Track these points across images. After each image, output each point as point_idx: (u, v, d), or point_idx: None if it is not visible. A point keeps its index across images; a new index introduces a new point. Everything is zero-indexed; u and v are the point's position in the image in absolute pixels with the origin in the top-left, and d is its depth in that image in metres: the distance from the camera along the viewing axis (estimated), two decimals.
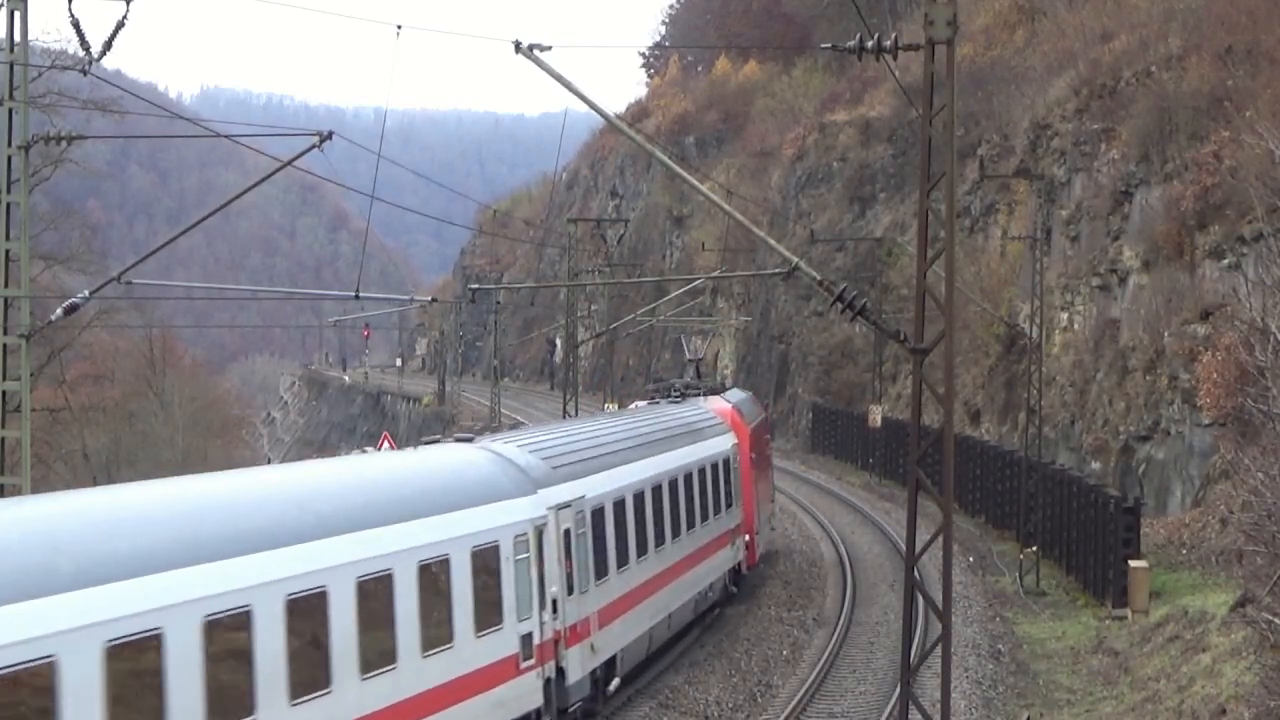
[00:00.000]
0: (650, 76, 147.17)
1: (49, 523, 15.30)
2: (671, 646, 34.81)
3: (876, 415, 69.81)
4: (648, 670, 32.81)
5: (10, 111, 24.41)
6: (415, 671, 20.01)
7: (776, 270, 24.08)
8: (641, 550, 30.85)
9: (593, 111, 21.73)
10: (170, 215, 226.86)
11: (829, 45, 21.12)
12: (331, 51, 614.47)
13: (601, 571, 27.85)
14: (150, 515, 16.54)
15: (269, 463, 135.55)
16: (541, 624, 24.35)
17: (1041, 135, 62.49)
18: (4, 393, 24.65)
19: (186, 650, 15.29)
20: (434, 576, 20.83)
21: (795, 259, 20.10)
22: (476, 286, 65.56)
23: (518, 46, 20.20)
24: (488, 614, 22.32)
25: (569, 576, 25.80)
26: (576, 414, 53.69)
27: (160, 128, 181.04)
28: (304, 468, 23.17)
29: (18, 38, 24.23)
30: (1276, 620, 22.52)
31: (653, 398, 41.59)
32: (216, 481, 19.59)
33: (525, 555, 23.75)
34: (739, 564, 41.76)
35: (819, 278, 19.91)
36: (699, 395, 43.39)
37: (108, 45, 24.08)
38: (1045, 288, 50.48)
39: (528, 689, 23.76)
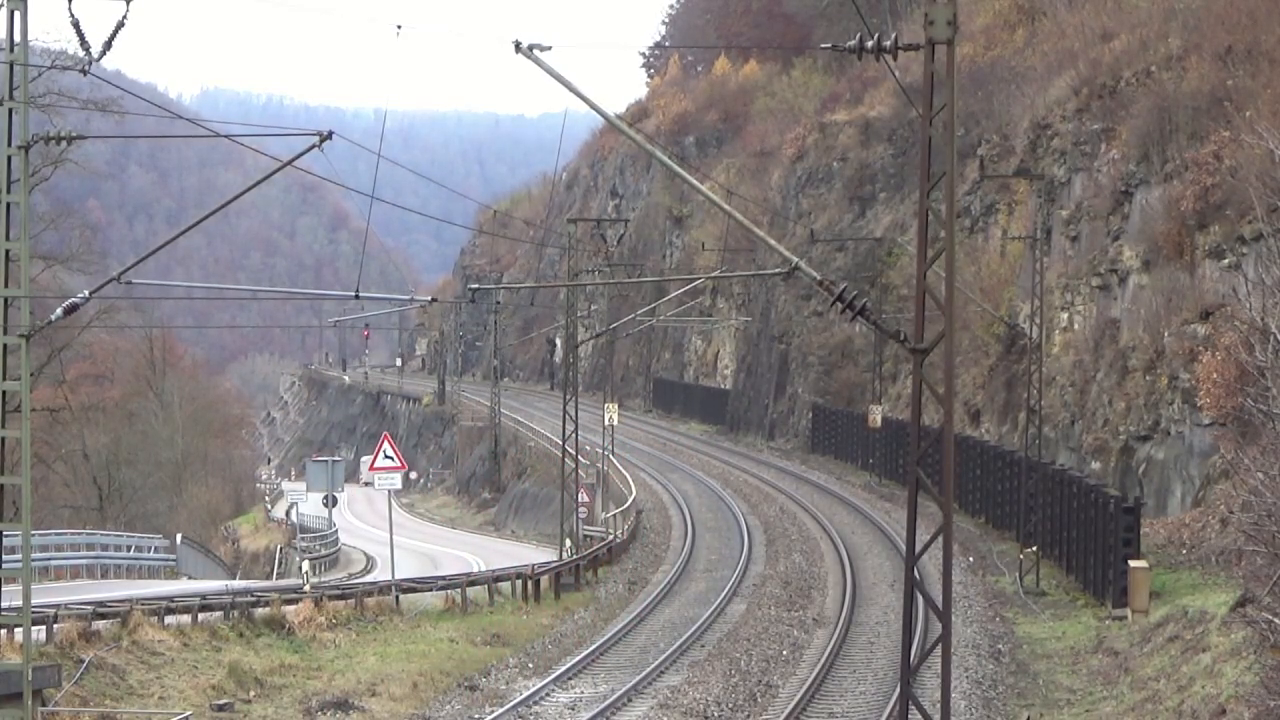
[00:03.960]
0: (650, 76, 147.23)
1: None
2: None
3: (876, 415, 69.82)
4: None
5: (10, 111, 24.40)
6: None
7: (776, 270, 24.07)
8: None
9: (593, 111, 21.74)
10: (170, 215, 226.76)
11: (829, 45, 21.11)
12: (331, 51, 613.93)
13: None
14: None
15: (269, 462, 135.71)
16: None
17: (1041, 135, 62.48)
18: (4, 393, 24.64)
19: None
20: None
21: (795, 259, 20.09)
22: (476, 286, 65.67)
23: (518, 46, 20.22)
24: None
25: None
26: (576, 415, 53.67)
27: (160, 128, 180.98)
28: None
29: (18, 38, 24.21)
30: (1276, 620, 22.52)
31: None
32: None
33: None
34: None
35: (819, 278, 19.91)
36: None
37: (108, 45, 24.06)
38: (1045, 288, 50.47)
39: None
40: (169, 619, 32.97)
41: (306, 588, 40.18)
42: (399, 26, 25.91)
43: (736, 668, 33.57)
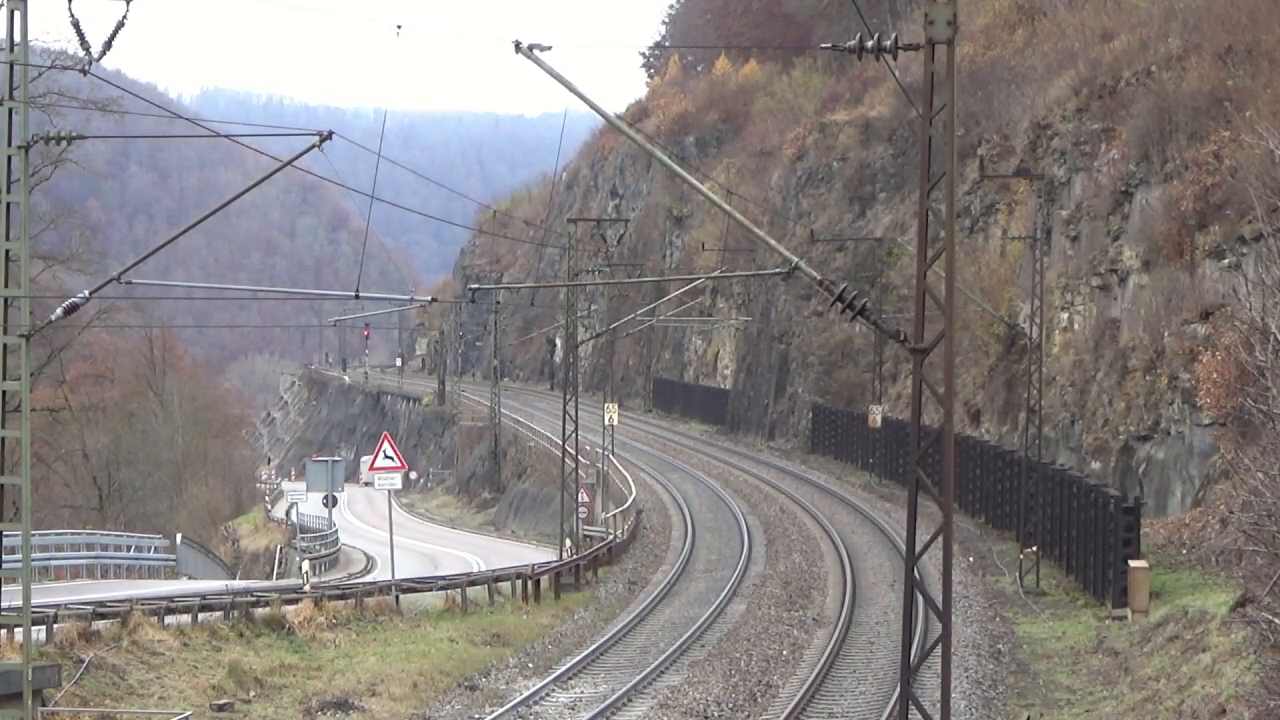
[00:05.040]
0: (650, 76, 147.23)
1: None
2: None
3: (876, 415, 69.80)
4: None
5: (10, 111, 24.40)
6: None
7: (776, 270, 24.07)
8: None
9: (593, 111, 21.74)
10: (170, 215, 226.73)
11: (829, 45, 21.13)
12: (331, 51, 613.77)
13: None
14: None
15: (269, 462, 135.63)
16: None
17: (1041, 135, 62.47)
18: (4, 393, 24.64)
19: None
20: None
21: (795, 259, 20.09)
22: (476, 286, 65.52)
23: (518, 46, 20.23)
24: None
25: None
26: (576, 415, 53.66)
27: (160, 128, 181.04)
28: None
29: (18, 38, 24.21)
30: (1276, 620, 22.52)
31: None
32: None
33: None
34: None
35: (819, 278, 19.91)
36: None
37: (108, 45, 24.05)
38: (1045, 288, 50.47)
39: None
40: (169, 619, 32.97)
41: (306, 588, 40.18)
42: (399, 26, 25.96)
43: (736, 668, 33.57)
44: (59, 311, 25.72)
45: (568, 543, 53.35)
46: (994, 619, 39.80)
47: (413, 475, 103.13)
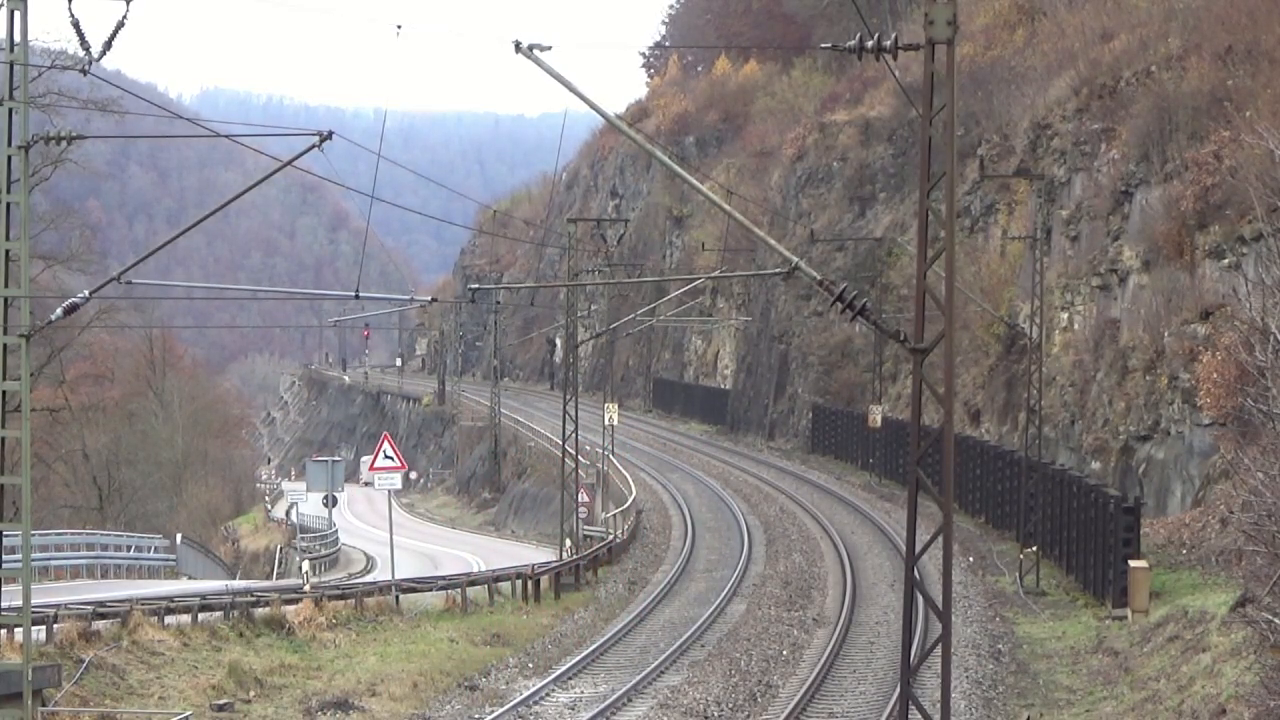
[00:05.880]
0: (650, 76, 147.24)
1: None
2: None
3: (876, 415, 69.82)
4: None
5: (10, 111, 24.40)
6: None
7: (776, 270, 24.08)
8: None
9: (593, 111, 21.75)
10: (170, 215, 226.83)
11: (829, 45, 21.13)
12: (331, 51, 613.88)
13: None
14: None
15: (269, 462, 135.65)
16: None
17: (1041, 135, 62.48)
18: (4, 393, 24.64)
19: None
20: None
21: (795, 259, 20.09)
22: (476, 286, 65.51)
23: (518, 46, 20.24)
24: None
25: None
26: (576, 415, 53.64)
27: (160, 128, 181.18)
28: None
29: (18, 38, 24.21)
30: (1276, 620, 22.53)
31: None
32: None
33: None
34: None
35: (819, 278, 19.90)
36: None
37: (108, 45, 24.05)
38: (1045, 288, 50.47)
39: None
40: (169, 619, 32.97)
41: (306, 588, 40.19)
42: (399, 26, 25.96)
43: (736, 668, 33.57)
44: (59, 311, 25.72)
45: (568, 543, 53.35)
46: (994, 619, 39.80)
47: (413, 475, 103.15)
